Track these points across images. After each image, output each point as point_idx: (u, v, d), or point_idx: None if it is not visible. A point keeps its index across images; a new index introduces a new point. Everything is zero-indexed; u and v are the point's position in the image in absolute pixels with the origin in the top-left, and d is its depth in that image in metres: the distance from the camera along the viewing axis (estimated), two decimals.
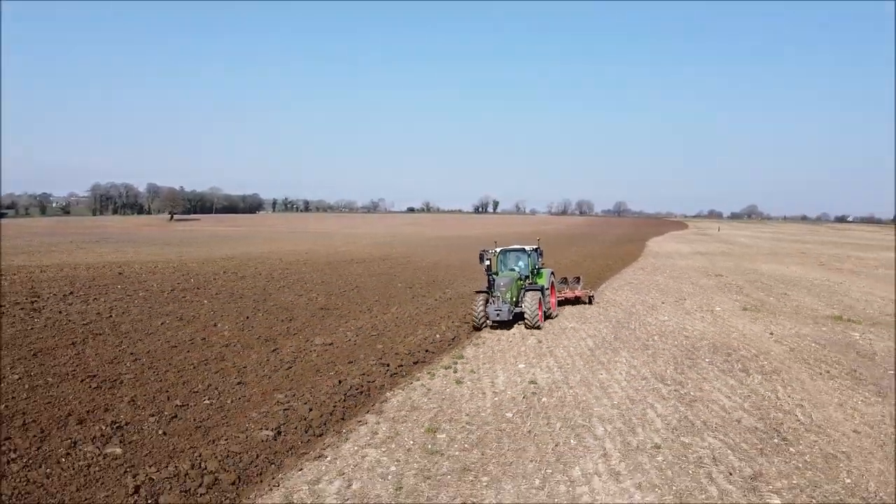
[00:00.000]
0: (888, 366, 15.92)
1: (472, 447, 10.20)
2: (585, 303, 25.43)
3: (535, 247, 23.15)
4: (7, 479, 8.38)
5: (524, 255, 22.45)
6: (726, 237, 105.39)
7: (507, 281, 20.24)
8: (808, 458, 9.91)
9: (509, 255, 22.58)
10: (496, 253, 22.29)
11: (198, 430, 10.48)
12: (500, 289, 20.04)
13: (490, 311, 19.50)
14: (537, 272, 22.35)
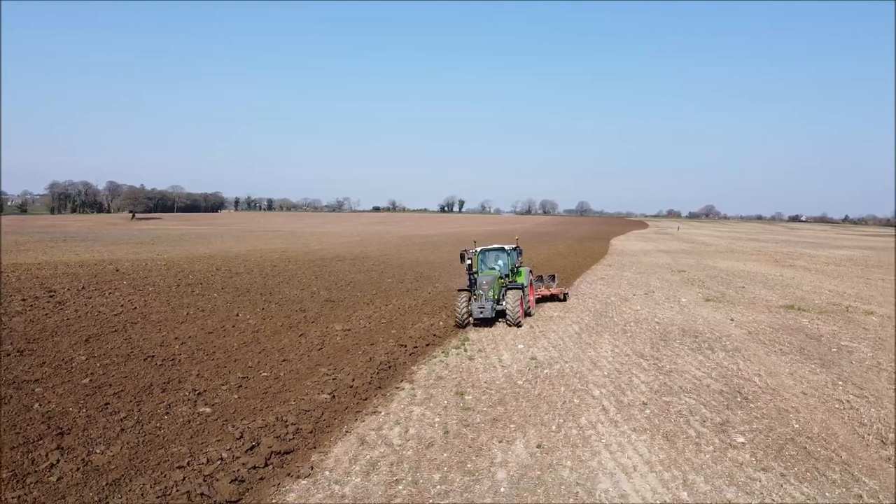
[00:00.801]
0: (831, 345, 18.80)
1: (495, 405, 12.58)
2: (560, 300, 26.51)
3: (514, 246, 23.88)
4: (126, 433, 10.39)
5: (504, 255, 23.05)
6: (686, 236, 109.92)
7: (489, 280, 20.79)
8: (765, 411, 12.53)
9: (489, 255, 23.18)
10: (477, 252, 22.92)
11: (266, 395, 12.60)
12: (483, 287, 20.65)
13: (473, 309, 19.98)
14: (517, 271, 22.99)
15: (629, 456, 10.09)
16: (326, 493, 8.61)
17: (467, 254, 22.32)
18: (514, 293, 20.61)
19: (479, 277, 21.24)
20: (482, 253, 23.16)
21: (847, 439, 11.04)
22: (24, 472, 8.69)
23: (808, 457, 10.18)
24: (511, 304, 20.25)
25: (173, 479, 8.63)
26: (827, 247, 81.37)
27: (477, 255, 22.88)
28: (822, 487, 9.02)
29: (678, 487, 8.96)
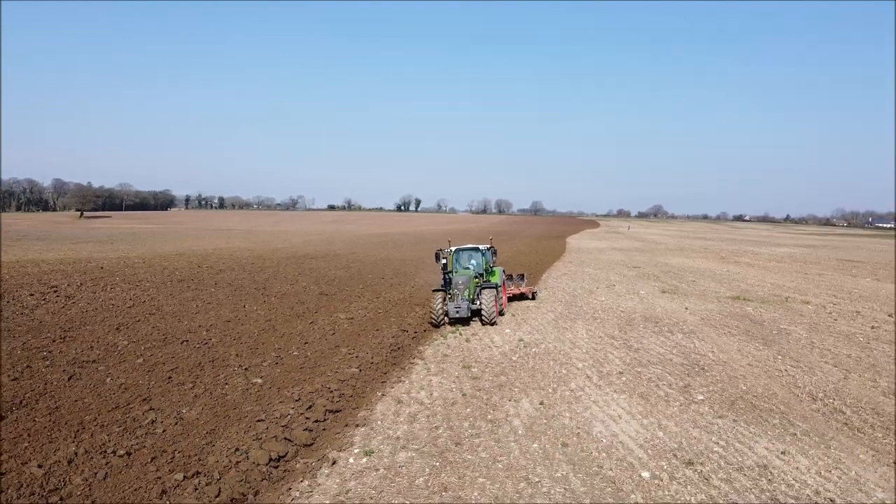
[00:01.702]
0: (772, 328, 21.97)
1: (498, 375, 15.11)
2: (529, 298, 27.27)
3: (488, 246, 24.45)
4: (200, 398, 12.51)
5: (478, 254, 23.53)
6: (636, 235, 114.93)
7: (465, 279, 21.21)
8: (718, 377, 15.40)
9: (464, 254, 23.61)
10: (452, 252, 23.40)
11: (303, 370, 14.83)
12: (459, 287, 21.03)
13: (450, 308, 20.34)
14: (491, 270, 23.52)
15: (614, 409, 12.76)
16: (384, 436, 10.97)
17: (442, 253, 22.92)
18: (489, 292, 21.08)
19: (455, 277, 21.60)
20: (457, 252, 23.58)
21: (784, 397, 13.95)
22: (132, 427, 10.76)
23: (753, 409, 13.02)
24: (486, 303, 20.74)
25: (258, 429, 10.84)
26: (769, 245, 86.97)
27: (452, 254, 23.34)
28: (765, 428, 11.83)
29: (655, 429, 11.65)
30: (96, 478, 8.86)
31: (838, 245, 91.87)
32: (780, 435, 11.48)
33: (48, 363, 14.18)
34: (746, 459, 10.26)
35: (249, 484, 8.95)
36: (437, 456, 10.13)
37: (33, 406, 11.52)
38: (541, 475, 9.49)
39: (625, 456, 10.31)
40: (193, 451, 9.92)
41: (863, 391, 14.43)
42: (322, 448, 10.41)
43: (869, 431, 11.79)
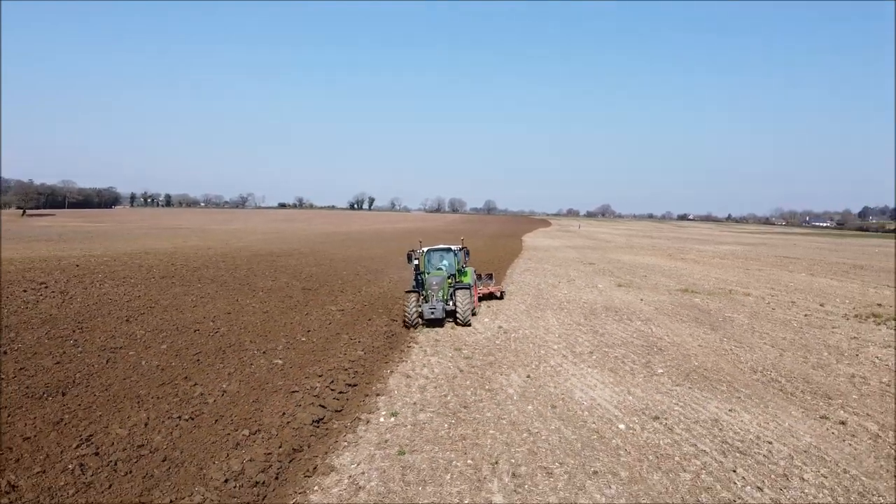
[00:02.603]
0: (718, 316, 24.86)
1: (486, 355, 17.37)
2: (498, 298, 27.67)
3: (460, 246, 24.71)
4: (233, 377, 14.37)
5: (450, 255, 23.64)
6: (587, 233, 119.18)
7: (438, 280, 21.22)
8: (673, 356, 18.00)
9: (434, 255, 23.65)
10: (424, 252, 23.48)
11: (315, 353, 16.77)
12: (433, 288, 21.03)
13: (425, 310, 20.31)
14: (463, 271, 23.74)
15: (589, 380, 15.17)
16: (402, 402, 13.10)
17: (415, 254, 23.08)
18: (463, 293, 21.13)
19: (428, 278, 21.51)
20: (429, 253, 23.62)
21: (730, 371, 16.59)
22: (185, 398, 12.59)
23: (705, 379, 15.61)
24: (462, 304, 20.81)
25: (296, 399, 12.82)
26: (712, 243, 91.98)
27: (424, 255, 23.42)
28: (715, 393, 14.40)
29: (625, 394, 14.10)
30: (173, 436, 10.71)
31: (777, 243, 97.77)
32: (728, 398, 14.06)
33: (80, 350, 15.73)
34: (701, 415, 12.78)
35: (302, 438, 10.94)
36: (450, 415, 12.32)
37: (87, 384, 13.18)
38: (538, 428, 11.79)
39: (603, 414, 12.70)
40: (247, 415, 11.84)
41: (795, 366, 17.20)
42: (352, 412, 12.45)
43: (800, 395, 14.47)
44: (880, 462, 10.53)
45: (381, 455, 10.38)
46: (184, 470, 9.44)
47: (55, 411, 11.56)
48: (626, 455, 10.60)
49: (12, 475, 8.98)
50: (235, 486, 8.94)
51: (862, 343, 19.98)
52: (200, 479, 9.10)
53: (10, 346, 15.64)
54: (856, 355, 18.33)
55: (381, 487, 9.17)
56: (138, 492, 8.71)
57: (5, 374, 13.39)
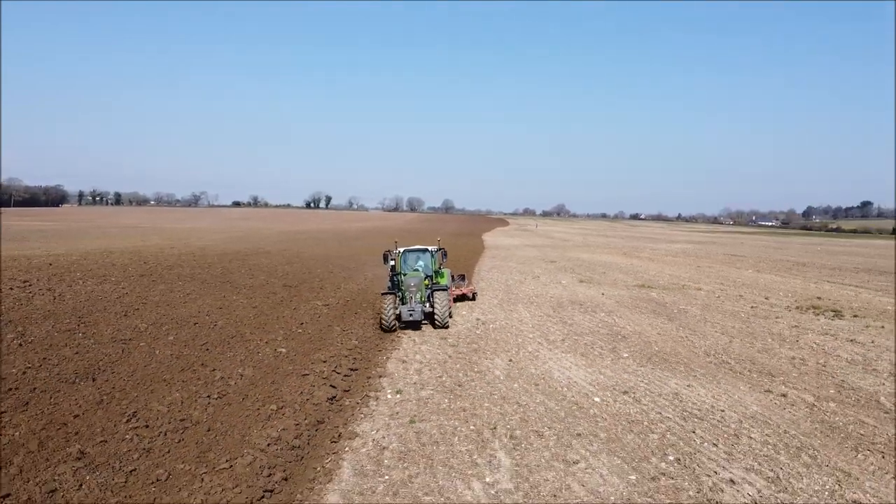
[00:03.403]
0: (673, 308, 27.21)
1: (470, 343, 19.17)
2: (470, 299, 27.78)
3: (438, 247, 24.46)
4: (245, 362, 15.82)
5: (426, 255, 23.43)
6: (544, 232, 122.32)
7: (416, 281, 20.97)
8: (636, 342, 20.11)
9: (410, 255, 23.43)
10: (400, 253, 23.28)
11: (312, 342, 18.28)
12: (411, 289, 20.81)
13: (403, 312, 20.16)
14: (440, 272, 23.49)
15: (564, 363, 17.11)
16: (403, 382, 14.79)
17: (391, 255, 22.85)
18: (442, 295, 21.00)
19: (406, 279, 21.18)
20: (405, 253, 23.39)
21: (686, 355, 18.73)
22: (209, 381, 14.01)
23: (665, 362, 17.70)
24: (440, 306, 20.68)
25: (308, 381, 14.38)
26: (664, 241, 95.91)
27: (400, 255, 23.24)
28: (674, 373, 16.47)
29: (596, 374, 16.06)
30: (208, 411, 12.18)
31: (725, 242, 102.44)
32: (685, 376, 16.15)
33: (93, 341, 16.93)
34: (663, 389, 14.82)
35: (322, 413, 12.52)
36: (448, 392, 14.07)
37: (111, 371, 14.48)
38: (526, 401, 13.64)
39: (580, 389, 14.63)
40: (269, 394, 13.36)
41: (743, 350, 19.46)
42: (361, 391, 14.08)
43: (747, 374, 16.64)
44: (815, 425, 12.67)
45: (395, 424, 12.05)
46: (229, 437, 10.95)
47: (92, 393, 12.86)
48: (602, 421, 12.52)
49: (78, 445, 10.35)
50: (278, 449, 10.50)
51: (802, 331, 22.45)
52: (247, 444, 10.63)
53: (23, 339, 16.73)
54: (796, 341, 20.72)
55: (401, 447, 10.86)
56: (195, 454, 10.19)
57: (31, 363, 14.56)
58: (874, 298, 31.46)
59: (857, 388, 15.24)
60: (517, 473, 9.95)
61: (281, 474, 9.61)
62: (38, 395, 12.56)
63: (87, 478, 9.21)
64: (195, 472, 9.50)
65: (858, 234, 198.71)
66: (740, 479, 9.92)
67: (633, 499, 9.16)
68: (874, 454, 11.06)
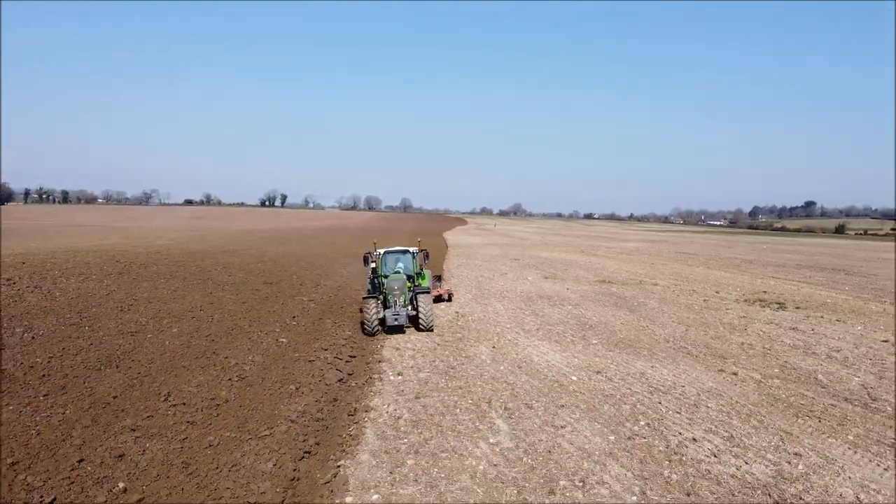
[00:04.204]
0: (633, 301, 29.48)
1: (455, 333, 20.93)
2: (446, 300, 27.73)
3: (419, 249, 24.33)
4: (252, 351, 17.25)
5: (406, 257, 23.03)
6: (504, 232, 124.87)
7: (399, 284, 20.43)
8: (603, 331, 22.19)
9: (390, 257, 22.96)
10: (380, 255, 22.79)
11: (308, 333, 19.76)
12: (395, 292, 20.29)
13: (388, 316, 19.83)
14: (421, 274, 22.99)
15: (542, 349, 19.03)
16: (402, 366, 16.48)
17: (371, 256, 22.59)
18: (425, 297, 20.66)
19: (389, 282, 20.66)
20: (385, 255, 22.89)
21: (648, 342, 20.87)
22: (225, 367, 15.44)
23: (630, 347, 19.79)
24: (425, 309, 20.34)
25: (316, 366, 15.93)
26: (619, 240, 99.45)
27: (380, 257, 22.79)
28: (639, 357, 18.55)
29: (571, 357, 18.03)
30: (233, 391, 13.66)
31: (676, 240, 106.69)
32: (648, 359, 18.24)
33: (102, 334, 18.10)
34: (631, 370, 16.85)
35: (335, 392, 14.12)
36: (444, 374, 15.83)
37: (130, 359, 15.77)
38: (513, 380, 15.50)
39: (558, 370, 16.56)
40: (284, 377, 14.89)
41: (698, 337, 21.69)
42: (365, 374, 15.71)
43: (702, 357, 18.82)
44: (762, 397, 14.82)
45: (403, 399, 13.75)
46: (261, 411, 12.48)
47: (121, 378, 14.18)
48: (581, 395, 14.45)
49: (129, 420, 11.76)
50: (306, 420, 12.09)
51: (749, 321, 24.89)
52: (278, 417, 12.18)
53: (34, 333, 17.81)
54: (745, 329, 23.10)
55: (413, 417, 12.57)
56: (235, 425, 11.71)
57: (53, 353, 15.75)
58: (814, 292, 34.43)
59: (797, 368, 17.51)
60: (515, 435, 11.77)
61: (314, 439, 11.21)
62: (71, 381, 13.82)
63: (148, 445, 10.64)
64: (241, 439, 11.03)
65: (802, 233, 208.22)
66: (701, 438, 11.92)
67: (615, 452, 11.07)
68: (812, 419, 13.23)
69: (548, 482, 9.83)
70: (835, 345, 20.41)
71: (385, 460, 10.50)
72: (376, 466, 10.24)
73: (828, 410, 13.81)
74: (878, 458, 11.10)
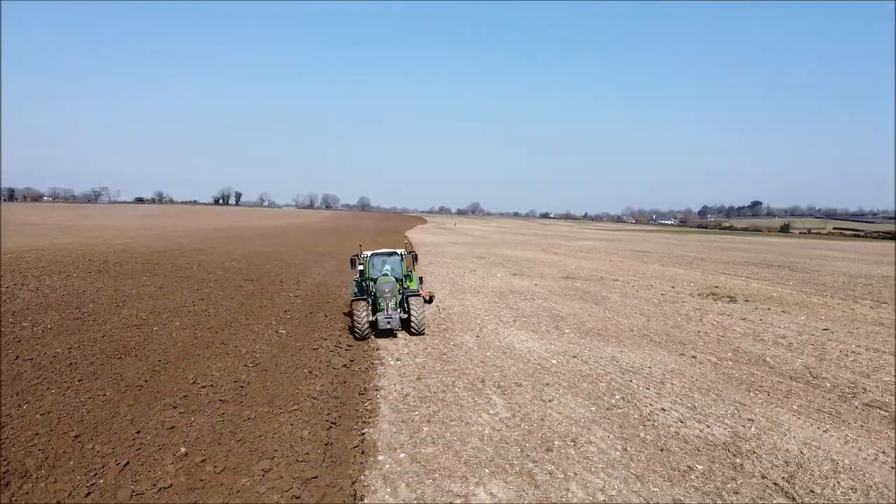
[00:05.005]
0: (597, 295, 31.66)
1: (439, 325, 22.64)
2: (427, 302, 25.44)
3: (408, 251, 24.10)
4: (258, 340, 18.67)
5: (394, 259, 22.74)
6: (464, 231, 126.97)
7: (391, 287, 20.15)
8: (573, 322, 24.22)
9: (377, 259, 22.63)
10: (368, 257, 22.53)
11: (304, 326, 21.18)
12: (386, 295, 19.96)
13: (380, 320, 19.44)
14: (409, 276, 22.77)
15: (521, 338, 20.92)
16: (399, 353, 18.12)
17: (359, 259, 22.36)
18: (416, 300, 20.45)
19: (380, 284, 20.30)
20: (372, 257, 22.57)
21: (615, 331, 22.95)
22: (239, 355, 16.83)
23: (599, 336, 21.84)
24: (416, 312, 20.11)
25: (321, 353, 17.45)
26: (576, 239, 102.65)
27: (368, 259, 22.51)
28: (609, 344, 20.59)
29: (548, 345, 19.96)
30: (252, 375, 15.10)
31: (631, 239, 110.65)
32: (617, 345, 20.30)
33: (109, 327, 19.28)
34: (602, 354, 18.86)
35: (342, 375, 15.67)
36: (438, 359, 17.55)
37: (144, 349, 17.02)
38: (500, 363, 17.32)
39: (539, 355, 18.45)
40: (293, 363, 16.36)
41: (659, 327, 23.90)
42: (366, 360, 17.31)
43: (664, 343, 20.97)
44: (718, 376, 16.94)
45: (406, 380, 15.43)
46: (283, 391, 13.98)
47: (144, 366, 15.46)
48: (562, 375, 16.37)
49: (167, 399, 13.15)
50: (325, 398, 13.66)
51: (704, 312, 27.28)
52: (300, 395, 13.70)
53: (43, 327, 18.93)
54: (700, 320, 25.42)
55: (419, 395, 14.27)
56: (265, 402, 13.21)
57: (70, 344, 16.93)
58: (762, 287, 37.32)
59: (748, 352, 19.78)
60: (510, 407, 13.59)
61: (336, 413, 12.82)
62: (99, 368, 15.07)
63: (192, 419, 12.08)
64: (274, 413, 12.56)
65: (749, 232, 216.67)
66: (668, 408, 13.94)
67: (597, 420, 12.98)
68: (761, 393, 15.38)
69: (544, 442, 11.66)
70: (780, 332, 22.83)
71: (403, 428, 12.17)
72: (397, 433, 11.91)
73: (775, 386, 15.99)
74: (818, 423, 13.26)
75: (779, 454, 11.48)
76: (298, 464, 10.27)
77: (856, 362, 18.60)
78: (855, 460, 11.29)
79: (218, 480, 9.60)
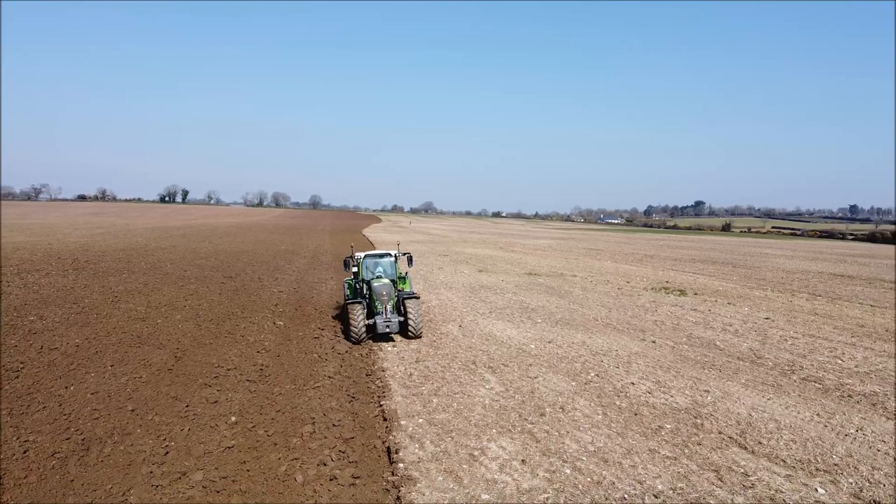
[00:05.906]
0: (560, 289, 34.07)
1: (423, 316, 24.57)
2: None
3: (403, 252, 24.35)
4: (263, 332, 20.26)
5: (387, 261, 22.54)
6: (420, 229, 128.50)
7: (388, 290, 20.05)
8: (543, 313, 26.48)
9: (370, 261, 22.32)
10: (361, 259, 22.32)
11: (298, 318, 22.81)
12: (382, 298, 19.76)
13: (379, 324, 19.11)
14: (403, 278, 22.75)
15: (499, 327, 23.05)
16: (394, 339, 20.02)
17: (353, 261, 22.36)
18: (413, 303, 20.19)
19: (377, 287, 20.14)
20: (365, 259, 22.33)
21: (581, 321, 25.30)
22: (250, 344, 18.48)
23: (568, 325, 24.13)
24: (414, 314, 19.83)
25: (322, 340, 19.20)
26: (531, 238, 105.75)
27: (361, 261, 22.28)
28: (578, 331, 22.90)
29: (524, 332, 22.15)
30: (268, 360, 16.78)
31: (582, 238, 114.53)
32: (585, 332, 22.62)
33: (116, 319, 20.61)
34: (574, 340, 21.15)
35: (349, 361, 17.49)
36: (430, 345, 19.52)
37: (159, 337, 18.49)
38: (486, 348, 19.41)
39: (518, 341, 20.61)
40: (301, 350, 18.09)
41: (620, 317, 26.37)
42: (364, 347, 19.11)
43: (626, 330, 23.39)
44: (676, 357, 19.40)
45: (406, 363, 17.35)
46: (302, 372, 15.74)
47: (165, 354, 16.96)
48: (542, 357, 18.56)
49: (200, 379, 14.77)
50: (339, 378, 15.48)
51: (659, 304, 29.95)
52: (318, 375, 15.50)
53: (52, 320, 20.15)
54: (655, 310, 28.04)
55: (421, 374, 16.23)
56: (288, 381, 14.95)
57: (86, 336, 18.28)
58: (708, 282, 40.50)
59: (700, 337, 22.35)
60: (503, 383, 15.69)
61: (353, 389, 14.68)
62: (123, 356, 16.51)
63: (229, 394, 13.77)
64: (300, 389, 14.35)
65: (693, 230, 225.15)
66: (637, 382, 16.25)
67: (578, 391, 15.17)
68: (714, 370, 17.86)
69: (538, 409, 13.78)
70: (727, 321, 25.59)
71: (415, 400, 14.12)
72: (411, 404, 13.85)
73: (725, 365, 18.50)
74: (763, 393, 15.76)
75: (731, 416, 13.86)
76: (335, 427, 12.12)
77: (794, 345, 21.35)
78: (794, 420, 13.77)
79: (272, 441, 11.38)
